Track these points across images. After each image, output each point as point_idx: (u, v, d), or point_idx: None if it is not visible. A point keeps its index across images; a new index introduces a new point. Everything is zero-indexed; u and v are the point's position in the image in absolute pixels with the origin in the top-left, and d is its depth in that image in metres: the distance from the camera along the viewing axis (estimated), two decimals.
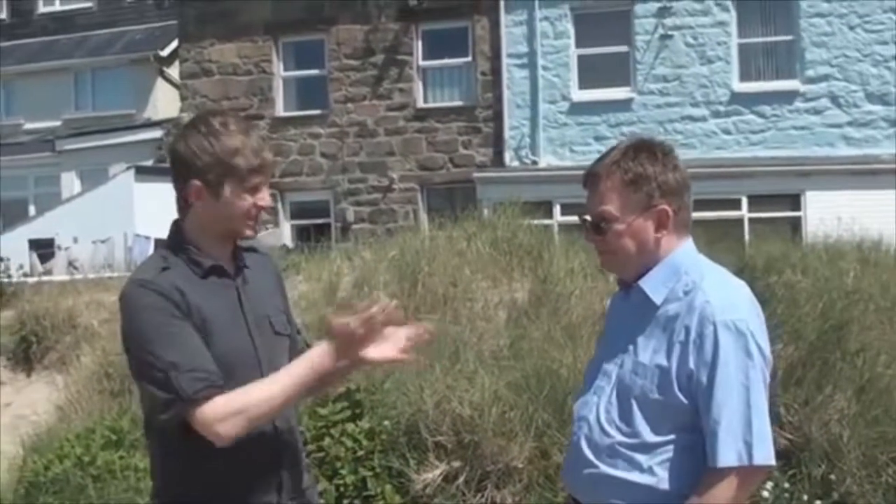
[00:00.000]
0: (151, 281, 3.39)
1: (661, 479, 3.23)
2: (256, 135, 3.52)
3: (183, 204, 3.50)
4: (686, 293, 3.28)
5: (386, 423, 7.90)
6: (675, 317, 3.26)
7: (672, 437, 3.23)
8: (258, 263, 3.68)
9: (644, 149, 3.39)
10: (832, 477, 7.47)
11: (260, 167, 3.47)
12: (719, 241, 12.04)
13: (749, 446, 3.13)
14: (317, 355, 3.38)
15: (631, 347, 3.33)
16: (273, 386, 3.35)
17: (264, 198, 3.52)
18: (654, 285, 3.34)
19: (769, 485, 7.21)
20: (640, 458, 3.24)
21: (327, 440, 7.88)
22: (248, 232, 3.53)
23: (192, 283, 3.43)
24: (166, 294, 3.35)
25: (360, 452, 7.82)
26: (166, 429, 3.37)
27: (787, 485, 7.38)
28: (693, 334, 3.20)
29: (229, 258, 3.56)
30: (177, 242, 3.52)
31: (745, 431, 3.14)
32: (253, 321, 3.52)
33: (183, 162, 3.45)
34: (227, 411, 3.28)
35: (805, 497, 7.40)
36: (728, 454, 3.14)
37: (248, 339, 3.49)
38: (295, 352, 3.66)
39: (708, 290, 3.25)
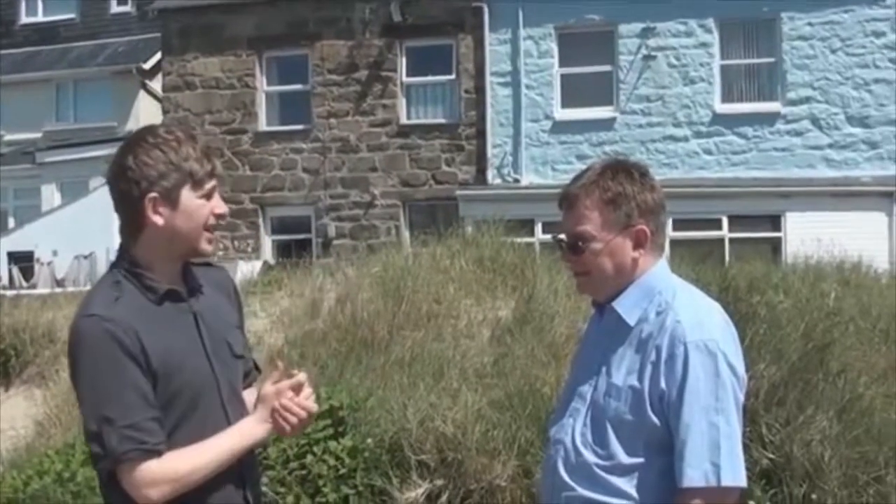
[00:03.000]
0: (104, 316, 3.20)
1: (638, 501, 3.21)
2: (203, 142, 3.43)
3: (135, 225, 3.32)
4: (658, 313, 3.26)
5: (369, 440, 7.88)
6: (647, 338, 3.25)
7: (648, 459, 3.21)
8: (212, 279, 3.54)
9: (622, 169, 3.38)
10: (814, 497, 7.48)
11: (212, 171, 3.37)
12: (701, 260, 12.10)
13: (717, 467, 3.12)
14: (248, 427, 3.33)
15: (604, 369, 3.31)
16: (205, 455, 3.25)
17: (220, 204, 3.39)
18: (627, 306, 3.32)
19: None
20: (616, 480, 3.22)
21: (309, 458, 7.85)
22: (206, 247, 3.38)
23: (148, 314, 3.27)
24: (117, 333, 3.18)
25: (343, 470, 7.80)
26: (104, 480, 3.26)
27: None
28: (664, 355, 3.18)
29: (181, 279, 3.41)
30: (128, 267, 3.34)
31: (712, 452, 3.12)
32: (211, 347, 3.38)
33: (135, 176, 3.28)
34: (157, 478, 3.17)
35: None
36: (694, 475, 3.12)
37: (208, 366, 3.36)
38: (246, 372, 3.59)
39: (679, 310, 3.24)
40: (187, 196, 3.33)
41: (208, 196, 3.37)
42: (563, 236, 3.40)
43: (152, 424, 3.18)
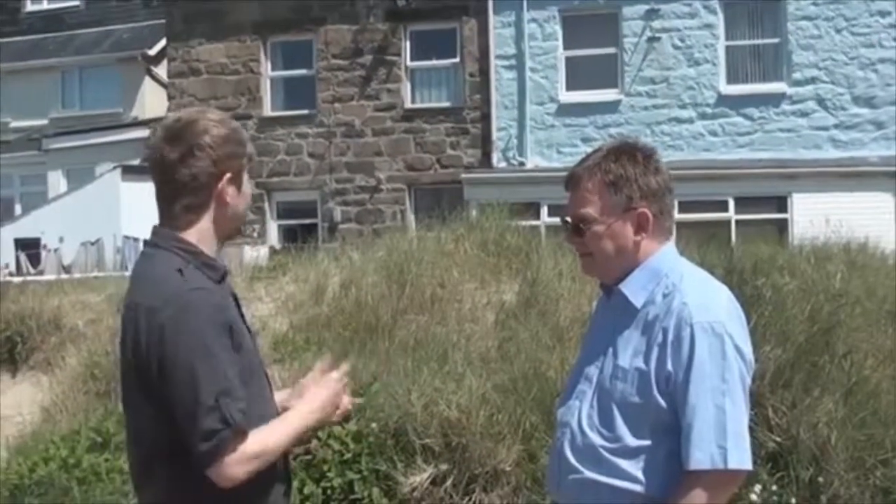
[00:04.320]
0: (211, 289, 3.21)
1: (644, 483, 3.20)
2: None
3: (198, 207, 3.29)
4: (665, 296, 3.27)
5: (373, 425, 7.87)
6: (654, 320, 3.25)
7: (654, 441, 3.21)
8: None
9: (625, 151, 3.39)
10: (820, 479, 7.46)
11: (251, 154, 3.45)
12: (707, 242, 12.05)
13: (723, 450, 3.11)
14: (306, 409, 3.40)
15: (611, 351, 3.31)
16: (285, 429, 3.30)
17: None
18: (634, 288, 3.33)
19: (757, 488, 7.21)
20: (623, 463, 3.22)
21: (314, 442, 7.84)
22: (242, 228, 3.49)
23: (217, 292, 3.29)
24: (224, 308, 3.20)
25: (348, 455, 7.79)
26: (191, 463, 3.14)
27: (774, 487, 7.37)
28: (671, 336, 3.19)
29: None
30: (183, 248, 3.29)
31: (718, 435, 3.12)
32: (249, 327, 3.43)
33: (212, 155, 3.27)
34: (249, 454, 3.15)
35: (793, 500, 7.39)
36: (700, 457, 3.12)
37: (254, 345, 3.40)
38: None
39: (686, 292, 3.24)
40: (245, 177, 3.40)
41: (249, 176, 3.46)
42: (567, 218, 3.41)
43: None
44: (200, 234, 3.32)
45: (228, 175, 3.30)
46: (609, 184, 3.32)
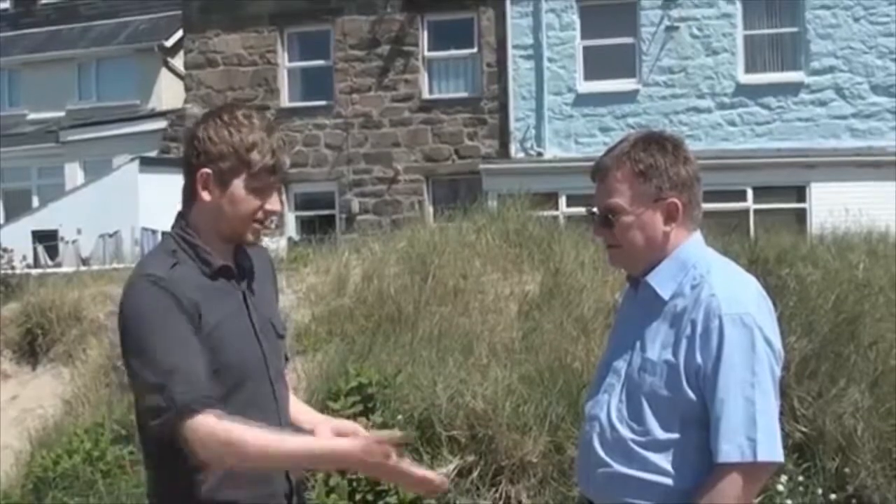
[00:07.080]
0: (162, 277, 3.22)
1: (674, 476, 3.19)
2: (278, 136, 3.37)
3: (189, 193, 3.34)
4: (693, 287, 3.24)
5: (399, 417, 7.86)
6: (682, 312, 3.22)
7: (684, 434, 3.19)
8: (257, 257, 3.52)
9: (654, 141, 3.36)
10: (846, 470, 7.47)
11: (274, 168, 3.33)
12: (727, 233, 12.02)
13: (753, 442, 3.09)
14: (344, 456, 3.15)
15: (639, 344, 3.29)
16: (282, 446, 3.13)
17: (274, 202, 3.37)
18: (661, 280, 3.30)
19: (783, 478, 7.21)
20: (653, 456, 3.21)
21: None
22: (251, 237, 3.37)
23: (202, 286, 3.28)
24: (176, 294, 3.19)
25: None
26: (161, 439, 3.16)
27: (801, 478, 7.38)
28: (699, 328, 3.16)
29: (232, 257, 3.41)
30: (184, 236, 3.35)
31: (748, 427, 3.10)
32: (259, 328, 3.38)
33: (197, 148, 3.30)
34: (219, 438, 3.08)
35: (819, 491, 7.39)
36: (729, 449, 3.10)
37: (258, 347, 3.35)
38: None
39: (714, 284, 3.21)
40: (238, 185, 3.32)
41: (262, 191, 3.34)
42: (595, 209, 3.38)
43: (207, 380, 3.15)
44: (197, 221, 3.36)
45: (205, 171, 3.30)
46: (639, 173, 3.29)
